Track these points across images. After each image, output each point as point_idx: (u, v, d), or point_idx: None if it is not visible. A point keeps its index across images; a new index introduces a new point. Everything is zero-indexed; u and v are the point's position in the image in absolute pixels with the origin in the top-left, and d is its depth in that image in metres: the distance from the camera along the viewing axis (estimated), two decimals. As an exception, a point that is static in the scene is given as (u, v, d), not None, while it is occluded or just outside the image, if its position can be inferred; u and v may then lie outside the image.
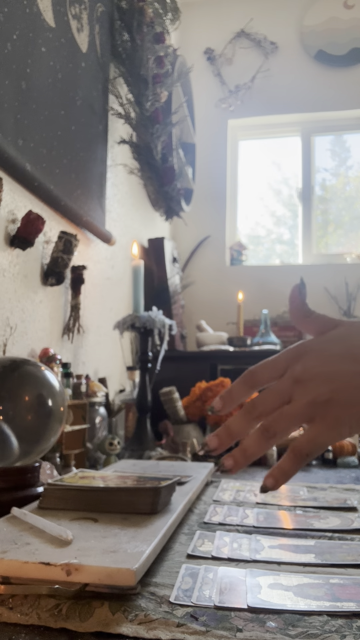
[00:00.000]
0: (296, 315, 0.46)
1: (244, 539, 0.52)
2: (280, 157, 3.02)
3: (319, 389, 0.40)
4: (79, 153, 1.44)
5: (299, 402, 0.40)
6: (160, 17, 1.91)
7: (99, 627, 0.35)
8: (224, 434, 0.42)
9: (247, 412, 0.42)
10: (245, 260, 2.83)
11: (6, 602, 0.37)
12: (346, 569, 0.44)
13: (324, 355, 0.42)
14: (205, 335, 2.10)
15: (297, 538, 0.53)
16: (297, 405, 0.40)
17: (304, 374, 0.41)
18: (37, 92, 1.19)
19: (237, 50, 2.85)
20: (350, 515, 0.62)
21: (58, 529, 0.45)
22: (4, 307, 1.08)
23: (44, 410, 0.75)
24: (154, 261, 2.21)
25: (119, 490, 0.57)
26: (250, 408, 0.42)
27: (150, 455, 1.20)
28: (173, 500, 0.61)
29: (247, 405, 0.42)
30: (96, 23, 1.58)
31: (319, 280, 2.64)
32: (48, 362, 1.09)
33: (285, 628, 0.34)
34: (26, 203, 1.16)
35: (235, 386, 0.43)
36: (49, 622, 0.36)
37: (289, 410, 0.41)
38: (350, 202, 2.89)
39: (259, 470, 1.06)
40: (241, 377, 0.43)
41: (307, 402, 0.40)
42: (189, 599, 0.37)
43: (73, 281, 1.39)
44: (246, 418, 0.42)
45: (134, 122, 1.84)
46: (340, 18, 2.76)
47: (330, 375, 0.41)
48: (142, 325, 1.32)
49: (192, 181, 2.61)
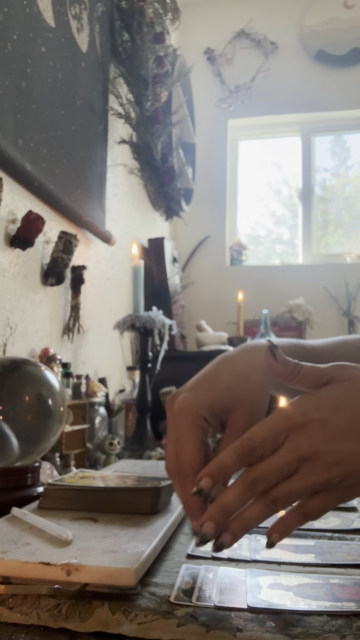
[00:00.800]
0: (283, 378, 0.42)
1: (244, 539, 0.52)
2: (280, 157, 3.02)
3: (330, 472, 0.37)
4: (79, 153, 1.43)
5: (308, 480, 0.38)
6: (160, 17, 1.91)
7: (99, 627, 0.35)
8: (220, 516, 0.38)
9: (248, 490, 0.38)
10: (245, 260, 2.83)
11: (6, 602, 0.37)
12: (346, 569, 0.44)
13: (329, 429, 0.38)
14: (205, 335, 2.10)
15: (297, 538, 0.53)
16: (306, 482, 0.38)
17: (311, 453, 0.37)
18: (37, 92, 1.19)
19: (237, 50, 2.85)
20: (350, 515, 0.62)
21: (58, 529, 0.46)
22: (4, 307, 1.08)
23: (44, 410, 0.75)
24: (154, 261, 2.21)
25: (119, 490, 0.57)
26: (252, 486, 0.38)
27: (150, 455, 1.20)
28: (173, 500, 0.61)
29: (248, 482, 0.38)
30: (96, 23, 1.58)
31: (319, 280, 2.64)
32: (48, 362, 1.09)
33: (285, 628, 0.34)
34: (26, 203, 1.16)
35: (230, 462, 0.39)
36: (49, 622, 0.36)
37: (297, 486, 0.38)
38: (350, 202, 2.89)
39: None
40: (236, 451, 0.39)
41: (316, 482, 0.38)
42: (189, 599, 0.37)
43: (73, 281, 1.39)
44: (247, 496, 0.38)
45: (134, 122, 1.84)
46: (340, 18, 2.76)
47: (340, 455, 0.38)
48: (142, 325, 1.32)
49: (192, 181, 2.61)
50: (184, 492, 0.43)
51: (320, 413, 0.39)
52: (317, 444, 0.38)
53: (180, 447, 0.44)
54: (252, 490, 0.38)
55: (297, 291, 2.58)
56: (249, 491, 0.38)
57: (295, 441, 0.38)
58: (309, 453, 0.38)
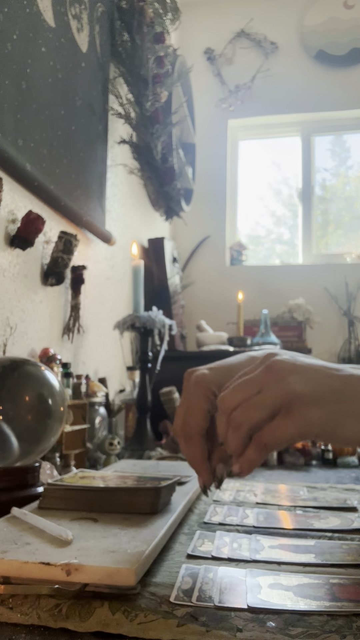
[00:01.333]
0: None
1: (244, 539, 0.52)
2: (280, 157, 3.02)
3: (290, 377, 0.42)
4: (79, 153, 1.43)
5: (268, 393, 0.42)
6: (160, 17, 1.91)
7: (99, 627, 0.35)
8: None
9: (223, 414, 0.45)
10: (245, 260, 2.83)
11: (6, 602, 0.37)
12: (346, 569, 0.44)
13: (297, 357, 0.45)
14: (205, 335, 2.10)
15: (297, 538, 0.53)
16: (265, 395, 0.42)
17: (275, 363, 0.44)
18: (37, 92, 1.19)
19: (237, 50, 2.85)
20: (350, 515, 0.62)
21: (58, 529, 0.46)
22: (4, 307, 1.08)
23: (44, 410, 0.75)
24: (154, 261, 2.21)
25: (119, 490, 0.57)
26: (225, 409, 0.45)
27: (150, 455, 1.20)
28: (173, 500, 0.61)
29: (221, 408, 0.45)
30: (96, 23, 1.58)
31: (319, 280, 2.64)
32: (48, 362, 1.09)
33: (285, 628, 0.34)
34: (26, 203, 1.16)
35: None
36: (49, 622, 0.36)
37: (256, 399, 0.43)
38: (350, 202, 2.89)
39: (259, 470, 1.06)
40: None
41: (275, 393, 0.42)
42: (189, 599, 0.37)
43: (73, 281, 1.39)
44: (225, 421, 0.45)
45: (134, 122, 1.84)
46: (340, 18, 2.76)
47: (303, 369, 0.43)
48: (142, 325, 1.32)
49: (192, 181, 2.61)
50: (189, 450, 0.50)
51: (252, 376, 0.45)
52: (285, 360, 0.44)
53: (189, 412, 0.50)
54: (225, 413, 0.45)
55: (297, 291, 2.58)
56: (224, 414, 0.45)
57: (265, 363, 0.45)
58: (273, 364, 0.44)
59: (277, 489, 0.79)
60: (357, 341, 2.58)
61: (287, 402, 0.42)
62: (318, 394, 0.41)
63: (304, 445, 1.17)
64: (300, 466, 1.13)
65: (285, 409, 0.42)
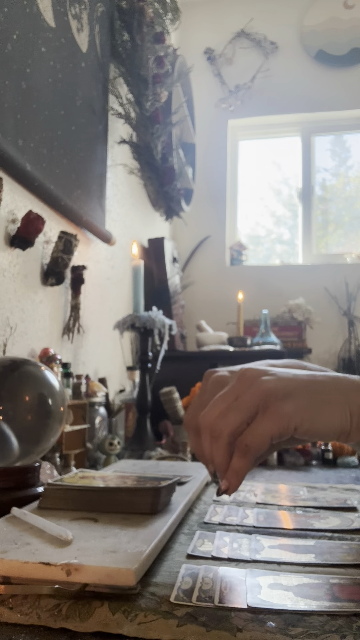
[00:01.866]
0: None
1: (244, 539, 0.52)
2: (280, 157, 3.02)
3: (262, 378, 0.44)
4: (79, 153, 1.43)
5: (243, 397, 0.43)
6: (160, 17, 1.91)
7: (99, 627, 0.35)
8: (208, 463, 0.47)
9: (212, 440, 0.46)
10: (245, 260, 2.83)
11: (6, 602, 0.37)
12: (346, 569, 0.44)
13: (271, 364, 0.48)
14: (205, 335, 2.10)
15: (297, 538, 0.53)
16: (241, 399, 0.43)
17: (247, 371, 0.45)
18: (37, 92, 1.19)
19: (237, 50, 2.85)
20: (350, 515, 0.62)
21: (58, 529, 0.45)
22: (4, 307, 1.08)
23: (44, 410, 0.75)
24: (154, 261, 2.21)
25: (119, 490, 0.57)
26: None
27: (150, 455, 1.20)
28: (173, 500, 0.61)
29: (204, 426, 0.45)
30: (96, 23, 1.58)
31: (319, 280, 2.64)
32: (48, 362, 1.09)
33: (285, 628, 0.33)
34: (26, 203, 1.16)
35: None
36: (49, 622, 0.36)
37: (232, 405, 0.43)
38: (350, 202, 2.89)
39: (259, 470, 1.06)
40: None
41: (250, 395, 0.43)
42: (189, 599, 0.37)
43: (73, 281, 1.39)
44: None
45: (134, 122, 1.84)
46: (340, 18, 2.76)
47: (274, 371, 0.45)
48: (142, 325, 1.32)
49: (192, 181, 2.61)
50: (197, 445, 0.50)
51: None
52: (256, 366, 0.47)
53: (202, 409, 0.50)
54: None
55: (297, 291, 2.58)
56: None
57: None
58: (246, 370, 0.46)
59: (277, 489, 0.79)
60: (357, 341, 2.58)
61: (263, 401, 0.43)
62: (290, 388, 0.43)
63: (304, 445, 1.17)
64: (300, 466, 1.13)
65: (262, 408, 0.43)
